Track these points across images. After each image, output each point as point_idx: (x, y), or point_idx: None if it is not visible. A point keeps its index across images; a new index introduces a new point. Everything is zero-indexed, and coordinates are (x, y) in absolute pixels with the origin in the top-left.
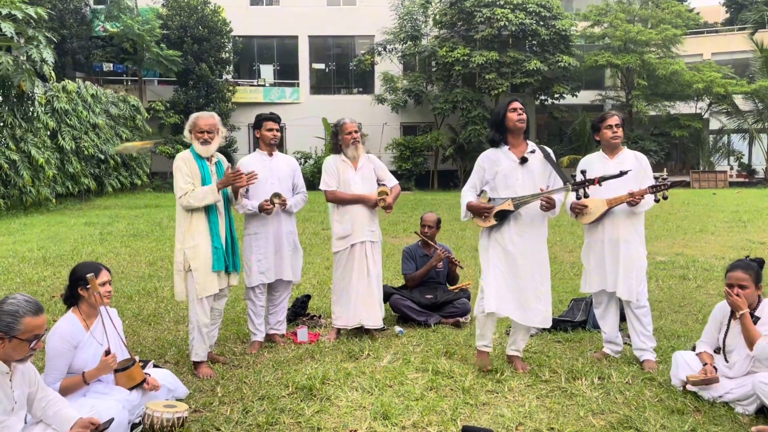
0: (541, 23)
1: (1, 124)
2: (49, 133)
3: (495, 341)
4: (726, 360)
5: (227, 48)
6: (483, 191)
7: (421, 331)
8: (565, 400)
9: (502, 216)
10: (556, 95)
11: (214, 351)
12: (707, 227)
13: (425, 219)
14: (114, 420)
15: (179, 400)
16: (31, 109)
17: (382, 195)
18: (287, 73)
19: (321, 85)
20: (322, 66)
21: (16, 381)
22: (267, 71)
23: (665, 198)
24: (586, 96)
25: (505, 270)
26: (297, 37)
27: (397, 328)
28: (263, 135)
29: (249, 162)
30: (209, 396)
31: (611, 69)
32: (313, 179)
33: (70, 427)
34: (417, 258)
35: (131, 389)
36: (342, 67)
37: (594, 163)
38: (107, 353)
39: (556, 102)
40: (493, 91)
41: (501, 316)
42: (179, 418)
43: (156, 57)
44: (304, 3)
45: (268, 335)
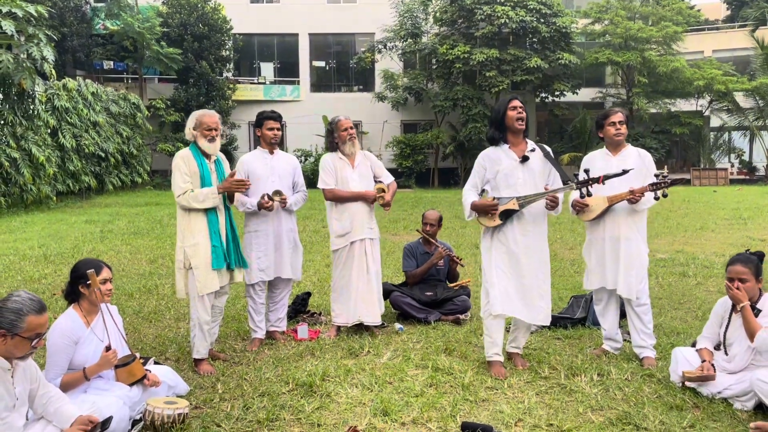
0: (542, 20)
1: (2, 122)
2: (50, 131)
3: None
4: (726, 353)
5: (227, 46)
6: (484, 190)
7: (421, 328)
8: (565, 396)
9: (506, 215)
10: (556, 93)
11: (214, 348)
12: (708, 224)
13: (427, 216)
14: (113, 418)
15: (180, 396)
16: (32, 107)
17: (379, 192)
18: (287, 71)
19: (321, 83)
20: (322, 64)
21: (17, 378)
22: (267, 69)
23: (665, 196)
24: (586, 93)
25: (509, 270)
26: (297, 35)
27: (397, 325)
28: (264, 134)
29: (250, 160)
30: (210, 393)
31: (612, 66)
32: (314, 177)
33: (70, 424)
34: (418, 255)
35: (132, 385)
36: (342, 65)
37: (597, 160)
38: (108, 349)
39: (556, 99)
40: (494, 89)
41: (508, 316)
42: (180, 414)
43: (156, 55)
44: (304, 0)
45: (268, 332)
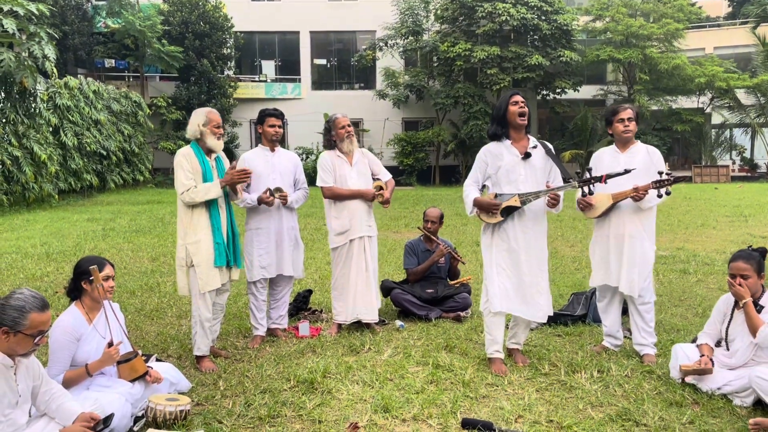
0: (543, 18)
1: (4, 120)
2: (52, 130)
3: None
4: (727, 349)
5: (228, 44)
6: (485, 186)
7: (422, 326)
8: (565, 392)
9: (507, 212)
10: (557, 90)
11: (216, 345)
12: (709, 222)
13: (428, 214)
14: (115, 415)
15: (182, 393)
16: (34, 106)
17: (378, 190)
18: (289, 69)
19: (322, 81)
20: (323, 61)
21: (20, 375)
22: (268, 67)
23: (668, 194)
24: (587, 91)
25: (509, 267)
26: (298, 33)
27: (398, 322)
28: (265, 131)
29: (251, 157)
30: (211, 389)
31: (613, 64)
32: (315, 174)
33: (72, 421)
34: (419, 253)
35: (134, 382)
36: (343, 63)
37: (605, 157)
38: (110, 345)
39: (557, 97)
40: (495, 86)
41: (507, 313)
42: (182, 411)
43: (157, 53)
44: None
45: (270, 330)
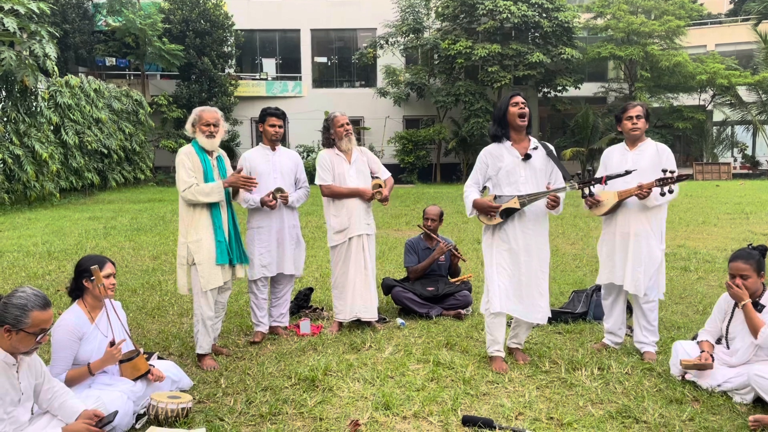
0: (544, 15)
1: (5, 119)
2: (53, 128)
3: None
4: (728, 347)
5: (229, 42)
6: (485, 187)
7: (423, 323)
8: (565, 390)
9: (507, 213)
10: (558, 87)
11: (217, 343)
12: (710, 219)
13: (428, 212)
14: (118, 413)
15: (183, 391)
16: (35, 104)
17: (377, 188)
18: (289, 67)
19: (323, 79)
20: (324, 59)
21: (22, 373)
22: (269, 65)
23: (671, 192)
24: (589, 88)
25: (510, 268)
26: (299, 31)
27: (399, 320)
28: (266, 130)
29: (252, 156)
30: (213, 387)
31: (614, 61)
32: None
33: (75, 419)
34: (419, 251)
35: (136, 380)
36: (344, 61)
37: (614, 155)
38: (112, 344)
39: (558, 94)
40: (496, 84)
41: (506, 314)
42: (183, 408)
43: (158, 51)
44: None
45: (271, 327)
